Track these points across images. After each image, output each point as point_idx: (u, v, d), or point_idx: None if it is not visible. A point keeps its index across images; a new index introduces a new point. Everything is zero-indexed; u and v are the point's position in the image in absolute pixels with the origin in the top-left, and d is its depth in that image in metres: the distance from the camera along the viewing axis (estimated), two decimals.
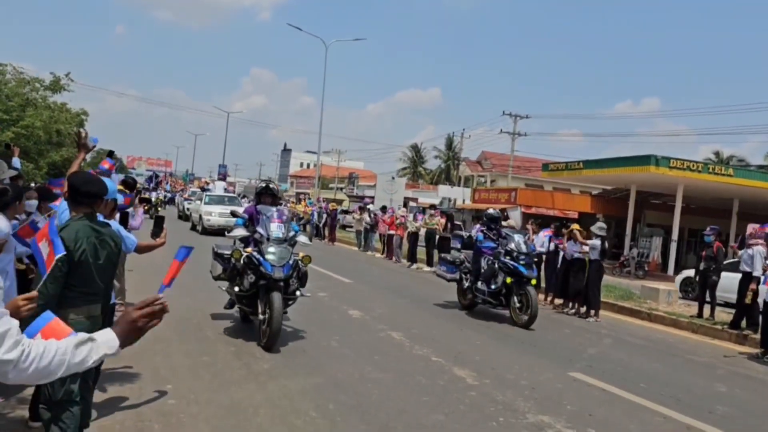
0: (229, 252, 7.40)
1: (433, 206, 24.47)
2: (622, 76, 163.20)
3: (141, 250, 5.14)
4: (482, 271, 10.06)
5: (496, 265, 9.85)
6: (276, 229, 7.03)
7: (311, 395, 5.24)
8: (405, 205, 35.22)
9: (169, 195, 43.15)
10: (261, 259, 6.73)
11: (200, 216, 22.65)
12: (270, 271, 6.63)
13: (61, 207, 4.34)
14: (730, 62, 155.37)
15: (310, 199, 36.33)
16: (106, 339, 1.90)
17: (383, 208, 22.34)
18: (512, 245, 9.93)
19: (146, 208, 23.32)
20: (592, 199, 33.14)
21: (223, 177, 32.85)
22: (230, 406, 4.84)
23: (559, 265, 12.15)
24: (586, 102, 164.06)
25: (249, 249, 6.97)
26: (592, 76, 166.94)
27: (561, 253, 12.12)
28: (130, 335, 1.96)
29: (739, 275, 10.24)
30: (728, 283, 11.59)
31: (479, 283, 10.06)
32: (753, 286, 9.65)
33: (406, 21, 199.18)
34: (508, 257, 9.85)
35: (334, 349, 7.03)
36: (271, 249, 6.82)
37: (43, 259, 3.27)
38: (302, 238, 7.44)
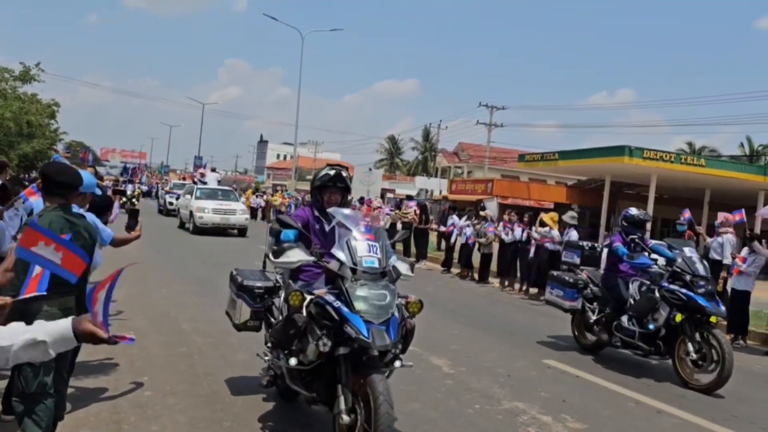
0: (261, 285, 4.78)
1: (409, 197, 24.46)
2: (598, 68, 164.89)
3: (117, 243, 5.10)
4: (632, 301, 7.12)
5: (657, 294, 6.81)
6: (367, 252, 4.02)
7: None
8: (382, 196, 35.27)
9: (145, 188, 42.23)
10: (344, 310, 3.80)
11: (191, 213, 20.36)
12: (365, 334, 3.69)
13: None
14: (703, 54, 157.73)
15: (287, 190, 36.21)
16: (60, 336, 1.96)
17: (361, 200, 22.37)
18: (683, 263, 6.82)
19: (122, 201, 22.75)
20: (568, 190, 33.50)
21: (213, 169, 30.22)
22: (207, 396, 4.84)
23: (532, 255, 12.25)
24: (562, 93, 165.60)
25: (321, 290, 3.97)
26: (568, 67, 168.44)
27: (534, 243, 12.24)
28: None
29: None
30: None
31: (625, 319, 7.10)
32: (723, 273, 9.86)
33: (383, 11, 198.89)
34: (677, 282, 6.74)
35: None
36: (362, 291, 3.87)
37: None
38: (402, 266, 4.28)
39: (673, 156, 24.68)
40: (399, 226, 18.39)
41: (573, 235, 11.39)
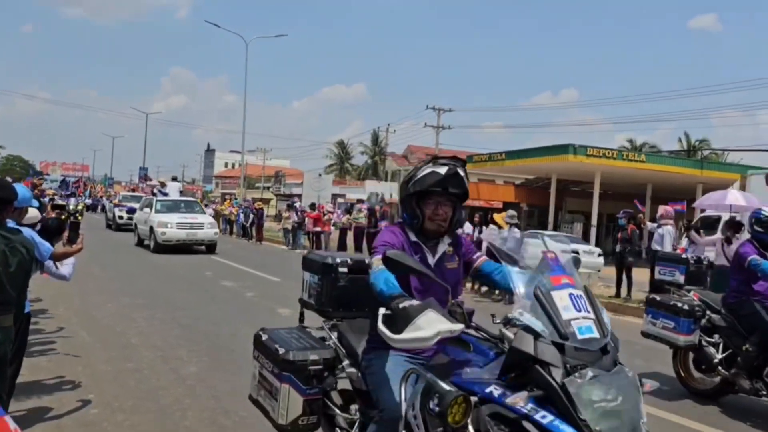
0: (317, 357, 3.14)
1: (360, 201, 24.47)
2: (542, 69, 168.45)
3: (57, 257, 4.93)
4: None
5: None
6: (574, 309, 2.37)
7: (241, 395, 5.15)
8: (333, 201, 35.18)
9: (89, 201, 40.05)
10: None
11: (151, 229, 18.09)
12: None
13: None
14: (641, 53, 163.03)
15: (236, 199, 35.73)
16: None
17: (312, 206, 22.25)
18: None
19: (62, 216, 21.74)
20: (516, 189, 34.07)
21: (175, 178, 26.77)
22: (157, 411, 4.72)
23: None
24: (507, 94, 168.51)
25: (516, 396, 2.22)
26: (513, 68, 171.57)
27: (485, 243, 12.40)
28: None
29: None
30: None
31: None
32: None
33: (327, 16, 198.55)
34: None
35: None
36: (596, 391, 2.15)
37: None
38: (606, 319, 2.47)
39: (616, 153, 25.43)
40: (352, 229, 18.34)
41: (516, 234, 11.52)
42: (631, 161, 25.10)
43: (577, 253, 3.46)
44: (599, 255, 19.47)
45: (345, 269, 3.53)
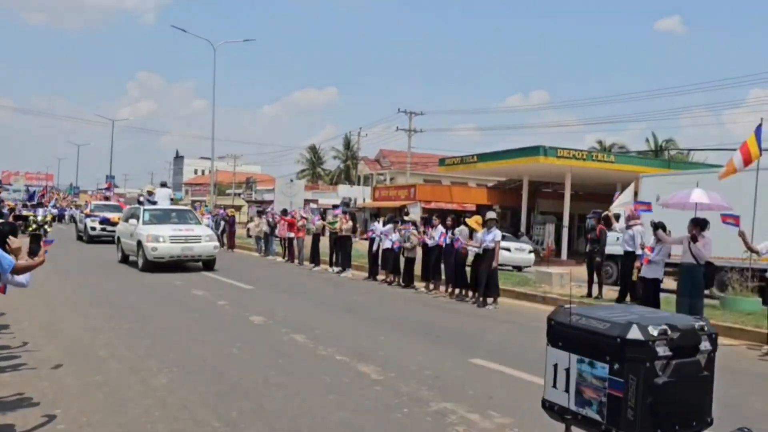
0: None
1: (335, 206, 24.41)
2: (512, 71, 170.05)
3: (19, 270, 4.81)
4: None
5: None
6: None
7: (213, 405, 5.10)
8: (305, 206, 35.02)
9: (56, 211, 38.51)
10: None
11: (139, 243, 15.49)
12: None
13: None
14: (609, 55, 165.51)
15: (206, 206, 35.37)
16: None
17: (284, 212, 22.13)
18: None
19: (30, 228, 20.88)
20: (489, 191, 34.36)
21: (164, 184, 23.39)
22: (126, 424, 4.62)
23: (454, 256, 12.44)
24: (478, 97, 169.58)
25: None
26: (484, 71, 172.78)
27: (457, 245, 12.43)
28: None
29: None
30: None
31: None
32: (637, 263, 10.34)
33: (296, 20, 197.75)
34: None
35: (236, 356, 6.87)
36: None
37: None
38: None
39: (585, 154, 25.79)
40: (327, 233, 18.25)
41: (497, 235, 11.58)
42: (601, 162, 25.49)
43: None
44: (530, 252, 20.90)
45: (665, 350, 1.98)
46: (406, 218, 15.56)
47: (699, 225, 9.04)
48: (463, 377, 6.23)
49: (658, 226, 9.50)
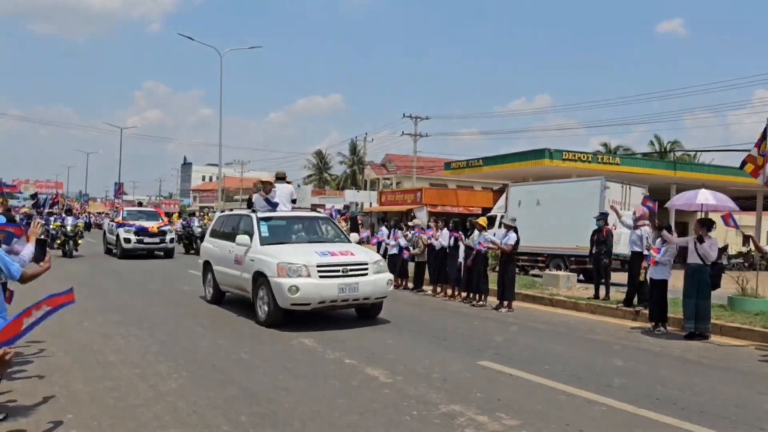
0: None
1: (338, 211, 24.46)
2: (515, 75, 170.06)
3: (25, 279, 4.87)
4: None
5: None
6: None
7: (222, 409, 5.13)
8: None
9: (80, 219, 25.47)
10: None
11: (258, 277, 9.27)
12: None
13: None
14: (611, 58, 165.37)
15: (215, 212, 35.47)
16: None
17: None
18: None
19: (59, 242, 19.85)
20: (494, 195, 34.30)
21: (283, 176, 11.69)
22: (136, 429, 4.66)
23: (460, 259, 12.42)
24: (482, 101, 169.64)
25: None
26: (487, 76, 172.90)
27: (461, 247, 12.41)
28: None
29: None
30: None
31: None
32: (644, 264, 10.31)
33: (301, 28, 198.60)
34: None
35: (245, 360, 6.91)
36: None
37: None
38: None
39: (591, 156, 25.77)
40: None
41: (512, 236, 11.61)
42: (607, 164, 25.44)
43: None
44: None
45: None
46: (410, 223, 15.55)
47: (705, 226, 9.03)
48: (471, 379, 6.25)
49: (663, 227, 9.49)
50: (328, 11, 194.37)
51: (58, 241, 20.67)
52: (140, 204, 38.65)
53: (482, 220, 12.42)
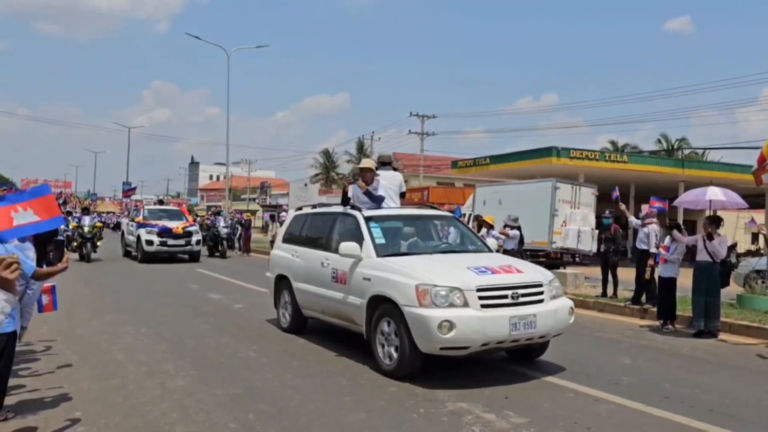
0: None
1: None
2: (522, 74, 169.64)
3: (39, 277, 4.89)
4: None
5: None
6: None
7: (229, 407, 5.14)
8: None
9: (97, 219, 23.10)
10: None
11: (380, 304, 6.41)
12: None
13: None
14: (618, 56, 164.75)
15: (222, 211, 35.55)
16: None
17: None
18: None
19: (75, 245, 18.70)
20: None
21: (387, 161, 8.80)
22: (144, 427, 4.67)
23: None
24: (489, 100, 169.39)
25: None
26: (494, 74, 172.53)
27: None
28: None
29: None
30: None
31: None
32: (651, 262, 10.26)
33: (307, 27, 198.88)
34: None
35: (252, 359, 6.92)
36: None
37: None
38: None
39: (598, 154, 25.63)
40: None
41: (516, 234, 11.59)
42: (614, 162, 25.31)
43: None
44: None
45: None
46: None
47: (714, 223, 8.97)
48: (479, 377, 6.23)
49: (673, 226, 9.44)
50: (335, 10, 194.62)
51: (75, 244, 19.22)
52: (161, 201, 34.83)
53: (489, 218, 12.38)
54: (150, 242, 19.37)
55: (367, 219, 7.26)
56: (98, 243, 19.62)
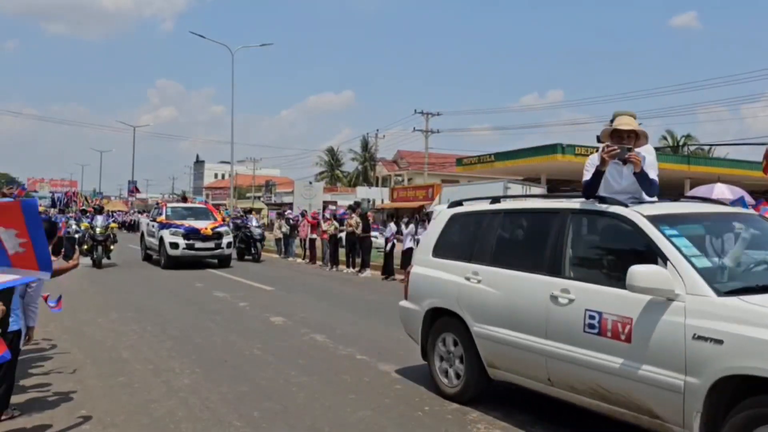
0: None
1: (350, 207, 24.45)
2: (527, 70, 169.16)
3: (53, 273, 4.88)
4: None
5: None
6: None
7: (235, 405, 5.14)
8: (324, 209, 35.17)
9: (112, 219, 21.49)
10: None
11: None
12: None
13: None
14: (623, 52, 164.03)
15: (227, 209, 35.62)
16: None
17: (303, 214, 22.23)
18: None
19: (87, 246, 17.62)
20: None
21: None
22: (150, 424, 4.68)
23: None
24: (494, 97, 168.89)
25: None
26: (499, 71, 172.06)
27: None
28: None
29: None
30: None
31: None
32: None
33: (312, 25, 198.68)
34: None
35: (257, 356, 6.92)
36: None
37: None
38: None
39: None
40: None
41: None
42: None
43: None
44: None
45: None
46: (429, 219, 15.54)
47: None
48: None
49: None
50: (339, 8, 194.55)
51: (85, 246, 16.89)
52: (184, 199, 29.69)
53: None
54: (175, 245, 16.69)
55: (657, 221, 4.13)
56: (112, 247, 17.27)
